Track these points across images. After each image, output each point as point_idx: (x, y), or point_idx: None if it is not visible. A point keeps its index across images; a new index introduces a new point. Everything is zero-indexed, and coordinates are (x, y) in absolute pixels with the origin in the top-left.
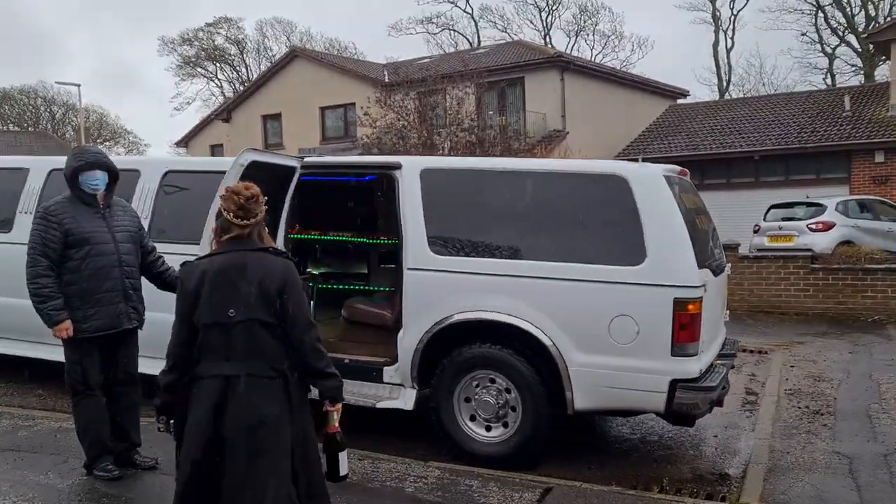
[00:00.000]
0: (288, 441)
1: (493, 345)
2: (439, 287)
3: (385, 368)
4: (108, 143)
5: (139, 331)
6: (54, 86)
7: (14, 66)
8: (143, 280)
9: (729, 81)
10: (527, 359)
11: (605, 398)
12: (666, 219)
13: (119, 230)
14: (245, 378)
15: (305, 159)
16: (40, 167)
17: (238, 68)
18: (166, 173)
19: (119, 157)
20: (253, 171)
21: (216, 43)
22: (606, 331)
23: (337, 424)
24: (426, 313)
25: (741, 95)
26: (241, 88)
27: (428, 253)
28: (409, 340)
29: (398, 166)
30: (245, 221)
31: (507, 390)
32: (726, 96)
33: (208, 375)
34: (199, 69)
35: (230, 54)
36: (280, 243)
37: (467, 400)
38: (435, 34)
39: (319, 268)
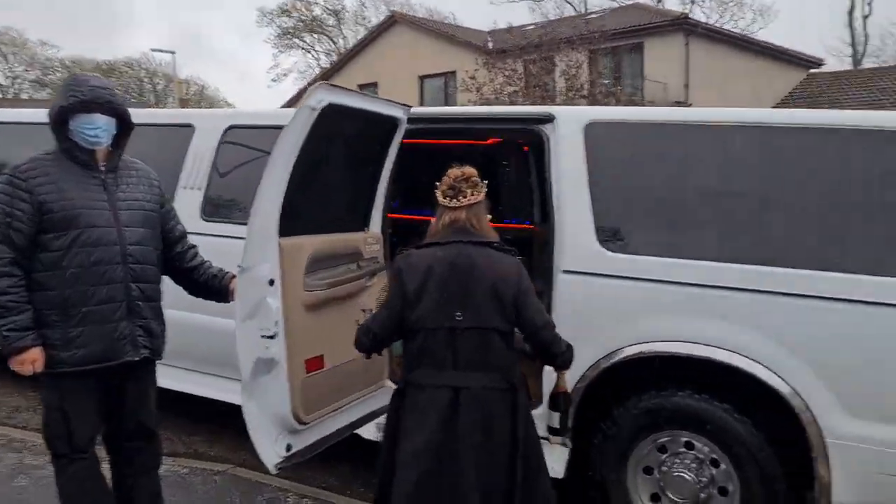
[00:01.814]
0: (506, 454)
1: (696, 393)
2: (614, 301)
3: None
4: None
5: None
6: (156, 57)
7: (104, 38)
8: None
9: (864, 52)
10: (753, 419)
11: (887, 491)
12: None
13: (127, 206)
14: (478, 390)
15: (413, 109)
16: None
17: (335, 39)
18: (228, 129)
19: (168, 111)
20: (334, 121)
21: (314, 14)
22: None
23: (566, 382)
24: (591, 338)
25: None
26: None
27: (596, 248)
28: None
29: (549, 118)
30: (454, 202)
31: (714, 462)
32: (859, 68)
33: (432, 385)
34: (296, 40)
35: (328, 25)
36: (377, 220)
37: (648, 471)
38: (539, 1)
39: None
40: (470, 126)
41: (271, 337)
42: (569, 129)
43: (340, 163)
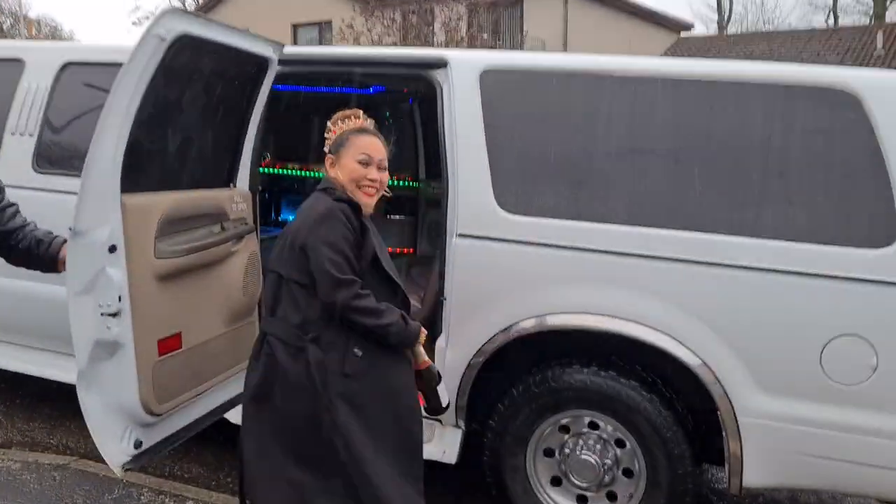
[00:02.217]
0: (310, 425)
1: (602, 370)
2: (514, 268)
3: None
4: None
5: None
6: None
7: None
8: None
9: (729, 18)
10: (662, 398)
11: (801, 472)
12: None
13: None
14: (268, 338)
15: (287, 49)
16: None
17: None
18: (66, 65)
19: None
20: (190, 57)
21: None
22: (816, 361)
23: (424, 358)
24: (488, 310)
25: (740, 34)
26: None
27: (494, 210)
28: (456, 352)
29: (441, 63)
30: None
31: (620, 443)
32: (724, 34)
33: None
34: None
35: None
36: (245, 175)
37: (549, 453)
38: None
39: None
40: (351, 70)
41: (113, 315)
42: (463, 75)
43: (200, 108)
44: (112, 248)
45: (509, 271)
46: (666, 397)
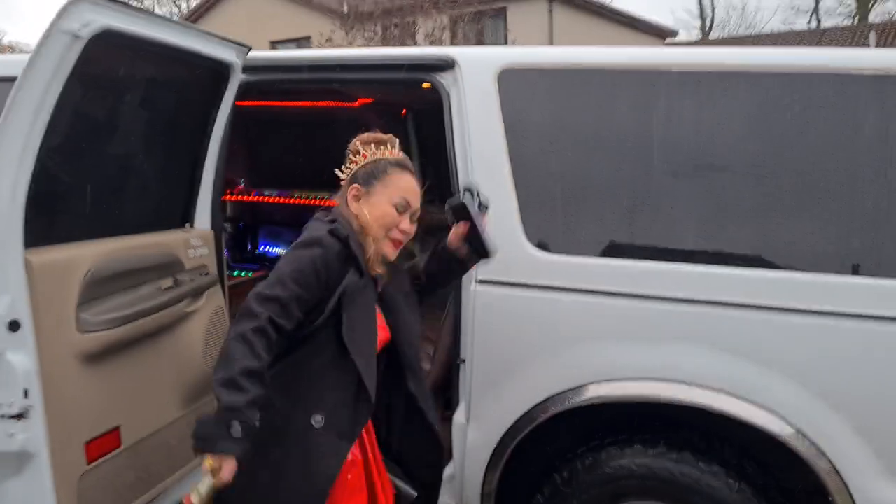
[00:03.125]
0: None
1: (672, 450)
2: (553, 323)
3: None
4: None
5: None
6: None
7: None
8: None
9: (712, 23)
10: (755, 487)
11: None
12: None
13: None
14: None
15: (253, 53)
16: None
17: (178, 2)
18: None
19: None
20: (120, 60)
21: None
22: None
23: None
24: (524, 376)
25: (726, 38)
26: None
27: (524, 247)
28: (480, 429)
29: (448, 64)
30: None
31: None
32: (710, 38)
33: None
34: (134, 2)
35: None
36: (205, 211)
37: None
38: None
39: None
40: (335, 76)
41: (18, 416)
42: (477, 78)
43: (139, 127)
44: (13, 325)
45: (548, 327)
46: (759, 486)
